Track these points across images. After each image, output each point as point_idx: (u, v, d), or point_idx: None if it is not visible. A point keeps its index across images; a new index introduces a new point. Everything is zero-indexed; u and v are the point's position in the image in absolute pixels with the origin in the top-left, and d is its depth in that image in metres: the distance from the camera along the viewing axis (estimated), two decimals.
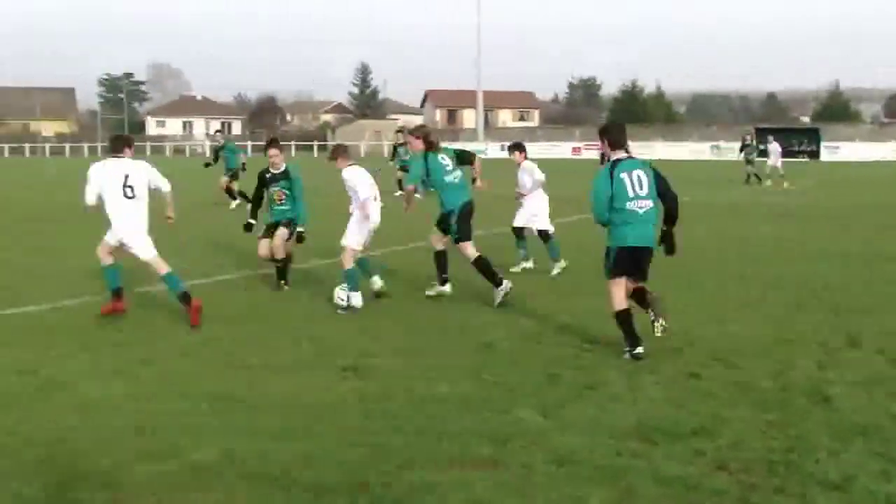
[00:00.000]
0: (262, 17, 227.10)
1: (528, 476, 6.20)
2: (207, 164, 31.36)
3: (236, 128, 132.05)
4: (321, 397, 8.06)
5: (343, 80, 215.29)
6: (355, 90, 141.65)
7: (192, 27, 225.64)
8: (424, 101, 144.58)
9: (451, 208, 12.56)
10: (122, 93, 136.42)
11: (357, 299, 12.07)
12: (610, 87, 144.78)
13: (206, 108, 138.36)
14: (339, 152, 12.93)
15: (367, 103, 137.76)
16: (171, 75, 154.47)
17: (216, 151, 31.16)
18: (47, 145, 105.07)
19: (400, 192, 33.01)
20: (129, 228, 11.25)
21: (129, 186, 11.18)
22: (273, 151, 13.75)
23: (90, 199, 11.28)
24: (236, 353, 9.69)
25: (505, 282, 12.27)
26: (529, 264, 15.44)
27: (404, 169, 33.63)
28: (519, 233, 15.66)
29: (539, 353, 9.63)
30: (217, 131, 48.20)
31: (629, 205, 9.37)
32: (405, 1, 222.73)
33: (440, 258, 12.87)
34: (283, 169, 13.75)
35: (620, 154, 9.57)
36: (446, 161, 12.69)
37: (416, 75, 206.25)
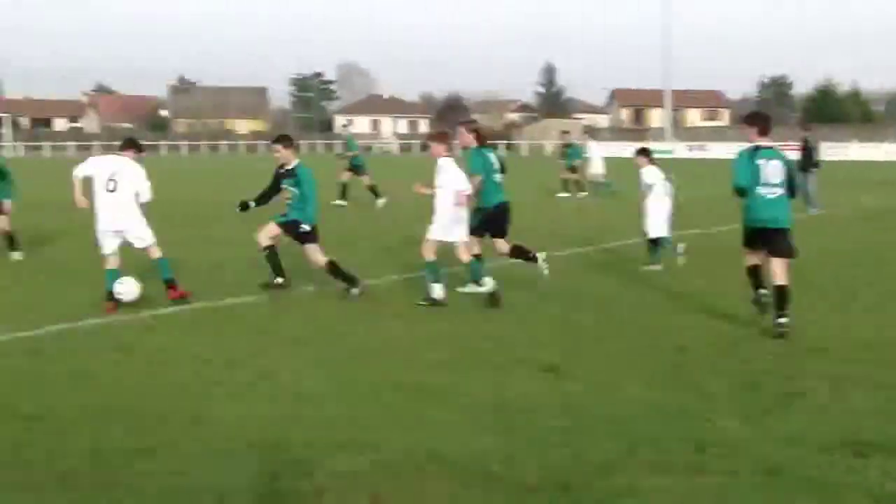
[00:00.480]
0: (449, 19, 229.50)
1: (731, 485, 6.05)
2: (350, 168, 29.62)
3: (423, 126, 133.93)
4: (520, 396, 8.07)
5: (529, 80, 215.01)
6: (541, 90, 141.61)
7: (381, 28, 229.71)
8: (610, 100, 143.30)
9: (487, 206, 13.09)
10: (311, 92, 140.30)
11: (438, 291, 12.11)
12: (802, 86, 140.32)
13: (393, 106, 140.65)
14: (442, 139, 12.81)
15: (553, 102, 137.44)
16: (359, 74, 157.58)
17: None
18: (242, 143, 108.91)
19: (564, 195, 32.83)
20: (109, 219, 11.94)
21: (113, 180, 11.90)
22: (275, 147, 13.09)
23: (76, 175, 12.14)
24: (421, 350, 9.81)
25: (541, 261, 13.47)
26: (657, 267, 15.28)
27: (572, 170, 33.45)
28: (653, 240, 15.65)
29: (736, 359, 9.39)
30: (343, 125, 47.79)
31: (759, 189, 10.36)
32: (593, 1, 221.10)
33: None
34: (291, 167, 12.97)
35: (764, 142, 10.54)
36: (494, 160, 13.25)
37: (602, 74, 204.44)
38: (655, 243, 15.48)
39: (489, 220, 13.15)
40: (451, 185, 12.22)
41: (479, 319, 11.36)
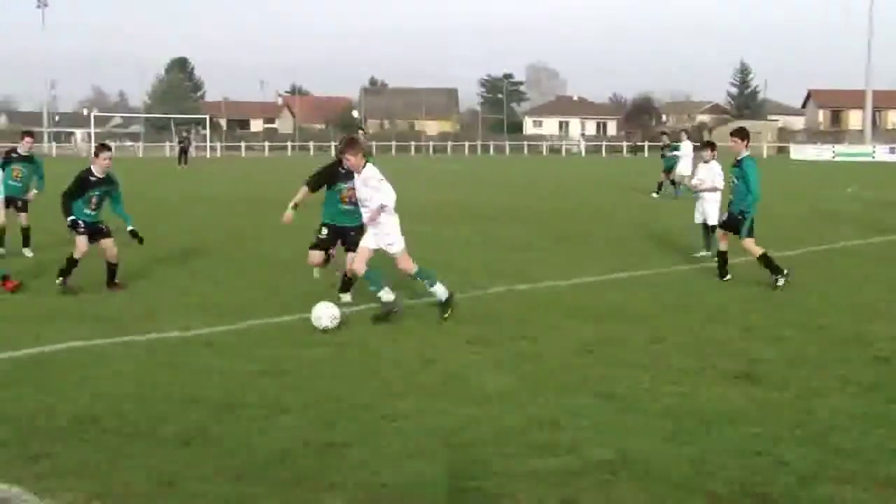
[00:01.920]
0: (639, 19, 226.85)
1: None
2: None
3: (611, 128, 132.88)
4: (713, 402, 7.89)
5: (721, 81, 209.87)
6: (734, 90, 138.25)
7: (571, 29, 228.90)
8: (807, 100, 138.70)
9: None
10: (501, 93, 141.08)
11: (440, 290, 11.48)
12: None
13: (581, 108, 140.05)
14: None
15: (746, 104, 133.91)
16: (548, 76, 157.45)
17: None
18: (431, 144, 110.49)
19: (655, 194, 32.13)
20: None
21: None
22: (343, 149, 11.68)
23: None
24: (618, 353, 9.69)
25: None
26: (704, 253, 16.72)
27: (667, 171, 32.74)
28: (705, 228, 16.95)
29: None
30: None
31: None
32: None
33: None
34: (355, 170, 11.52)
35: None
36: None
37: (798, 75, 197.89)
38: (711, 230, 16.38)
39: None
40: None
41: (665, 324, 11.16)
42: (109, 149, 13.54)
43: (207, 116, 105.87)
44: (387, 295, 11.25)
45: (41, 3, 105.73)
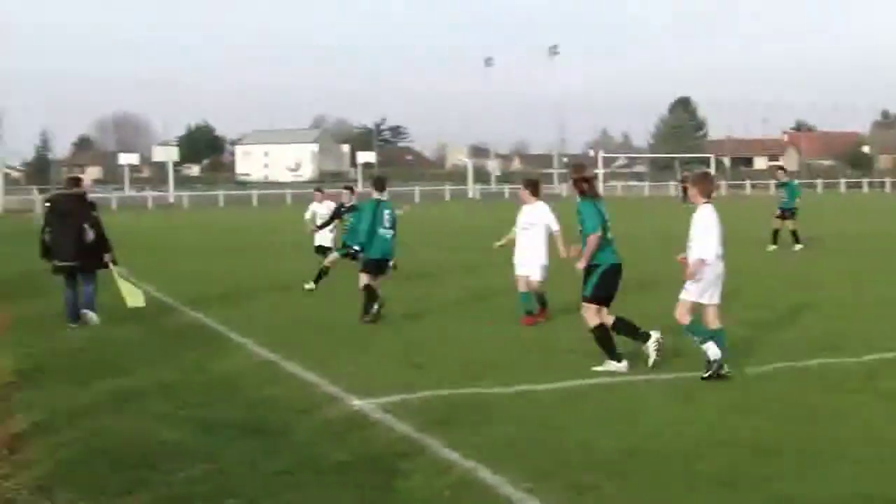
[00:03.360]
0: None
1: None
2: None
3: None
4: None
5: None
6: None
7: None
8: None
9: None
10: None
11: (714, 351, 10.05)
12: None
13: None
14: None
15: None
16: None
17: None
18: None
19: (772, 247, 26.19)
20: None
21: None
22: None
23: None
24: None
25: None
26: None
27: (783, 215, 27.21)
28: None
29: None
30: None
31: None
32: None
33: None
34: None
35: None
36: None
37: None
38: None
39: None
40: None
41: None
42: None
43: (711, 155, 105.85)
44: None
45: (552, 50, 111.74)
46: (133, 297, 14.53)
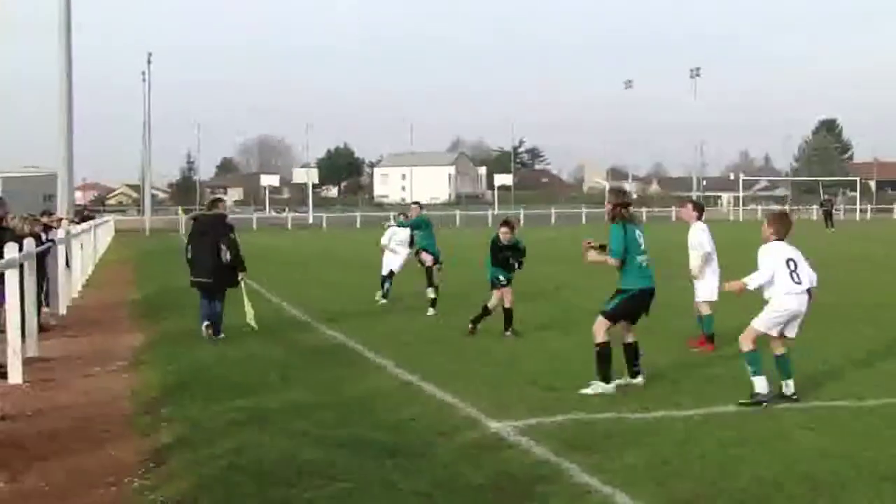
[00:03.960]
0: None
1: None
2: None
3: None
4: None
5: None
6: None
7: None
8: None
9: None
10: None
11: (762, 384, 9.98)
12: None
13: None
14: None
15: None
16: None
17: None
18: None
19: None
20: None
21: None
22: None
23: None
24: None
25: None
26: None
27: None
28: None
29: None
30: None
31: None
32: None
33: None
34: None
35: None
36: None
37: None
38: None
39: None
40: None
41: None
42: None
43: (857, 178, 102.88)
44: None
45: (693, 73, 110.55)
46: (251, 316, 15.28)
